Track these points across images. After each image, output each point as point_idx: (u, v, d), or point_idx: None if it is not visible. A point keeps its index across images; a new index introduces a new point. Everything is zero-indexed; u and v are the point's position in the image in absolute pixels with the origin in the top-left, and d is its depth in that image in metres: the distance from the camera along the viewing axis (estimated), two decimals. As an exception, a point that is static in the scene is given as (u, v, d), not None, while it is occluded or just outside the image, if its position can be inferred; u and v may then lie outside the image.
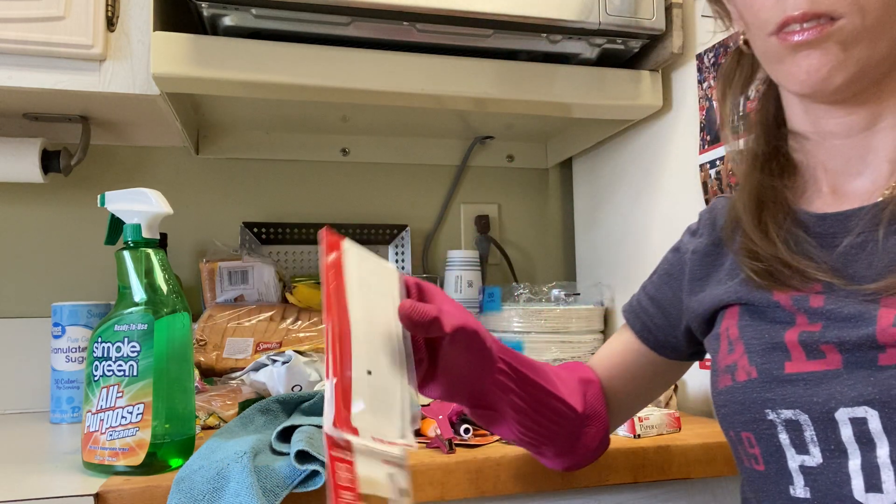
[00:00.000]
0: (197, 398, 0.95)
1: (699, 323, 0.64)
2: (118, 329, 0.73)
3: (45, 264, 1.28)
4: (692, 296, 0.66)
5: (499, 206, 1.52)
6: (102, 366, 0.73)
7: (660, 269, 0.73)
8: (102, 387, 0.72)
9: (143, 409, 0.71)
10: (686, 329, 0.68)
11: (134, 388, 0.71)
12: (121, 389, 0.72)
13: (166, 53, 0.94)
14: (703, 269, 0.66)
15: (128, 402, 0.71)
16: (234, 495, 0.64)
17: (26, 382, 1.23)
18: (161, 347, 0.73)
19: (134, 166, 1.34)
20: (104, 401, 0.72)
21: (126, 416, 0.71)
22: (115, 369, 0.72)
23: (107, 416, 0.72)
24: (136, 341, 0.72)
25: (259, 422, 0.83)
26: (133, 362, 0.72)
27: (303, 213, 1.43)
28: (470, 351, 0.56)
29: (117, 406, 0.72)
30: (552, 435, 0.66)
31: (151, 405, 0.71)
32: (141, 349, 0.72)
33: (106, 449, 0.72)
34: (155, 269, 0.76)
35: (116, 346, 0.73)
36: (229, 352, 1.11)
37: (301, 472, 0.69)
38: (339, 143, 1.45)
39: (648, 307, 0.72)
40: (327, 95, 1.02)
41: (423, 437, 0.86)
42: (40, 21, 0.94)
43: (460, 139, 1.50)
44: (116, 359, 0.72)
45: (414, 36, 1.00)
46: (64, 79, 0.97)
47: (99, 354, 0.73)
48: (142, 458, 0.71)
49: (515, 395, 0.61)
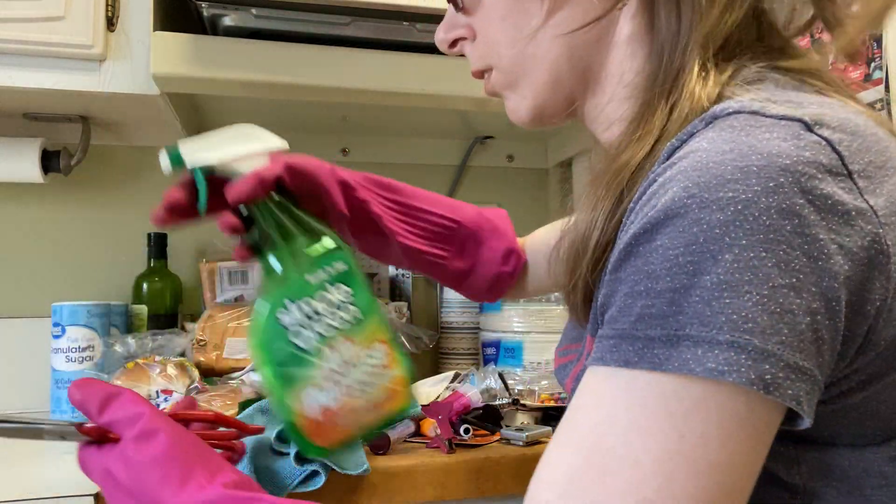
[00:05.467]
0: (197, 398, 0.95)
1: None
2: (314, 280, 0.57)
3: (45, 264, 1.28)
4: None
5: (499, 206, 1.52)
6: (314, 327, 0.56)
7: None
8: (325, 348, 0.56)
9: (385, 348, 0.58)
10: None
11: (364, 330, 0.57)
12: (351, 339, 0.57)
13: (166, 53, 0.94)
14: None
15: (366, 348, 0.57)
16: (234, 495, 0.64)
17: (26, 382, 1.23)
18: (365, 282, 0.59)
19: (134, 166, 1.34)
20: (336, 361, 0.57)
21: (372, 363, 0.58)
22: (335, 321, 0.57)
23: (349, 375, 0.57)
24: (343, 282, 0.57)
25: (259, 422, 0.83)
26: (351, 305, 0.57)
27: (303, 213, 1.43)
28: (306, 185, 0.59)
29: (356, 359, 0.57)
30: (440, 241, 0.68)
31: (390, 340, 0.59)
32: (353, 289, 0.58)
33: (364, 409, 0.58)
34: (300, 208, 0.61)
35: (321, 296, 0.57)
36: (229, 352, 1.11)
37: (301, 472, 0.69)
38: (339, 143, 1.44)
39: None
40: (327, 95, 1.02)
41: (423, 437, 0.86)
42: (40, 21, 0.94)
43: (460, 139, 1.50)
44: (330, 310, 0.57)
45: (414, 36, 1.00)
46: (64, 79, 0.97)
47: (302, 318, 0.56)
48: (408, 395, 0.59)
49: (379, 201, 0.65)
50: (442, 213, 0.69)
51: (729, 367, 0.33)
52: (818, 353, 0.34)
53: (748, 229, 0.33)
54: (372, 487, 0.74)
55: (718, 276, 0.33)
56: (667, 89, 0.44)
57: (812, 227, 0.33)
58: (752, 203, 0.33)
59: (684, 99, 0.42)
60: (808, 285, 0.33)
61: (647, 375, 0.35)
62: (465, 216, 0.70)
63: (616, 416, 0.35)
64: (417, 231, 0.68)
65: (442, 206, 0.70)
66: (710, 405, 0.33)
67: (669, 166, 0.37)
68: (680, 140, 0.39)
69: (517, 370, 1.09)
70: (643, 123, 0.44)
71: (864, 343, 0.36)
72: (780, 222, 0.33)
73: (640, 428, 0.34)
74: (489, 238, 0.71)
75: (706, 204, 0.34)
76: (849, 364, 0.37)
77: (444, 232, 0.69)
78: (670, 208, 0.35)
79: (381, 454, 0.79)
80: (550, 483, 0.37)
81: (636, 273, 0.36)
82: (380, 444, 0.79)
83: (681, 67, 0.44)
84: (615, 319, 0.37)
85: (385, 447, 0.79)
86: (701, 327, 0.33)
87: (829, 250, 0.34)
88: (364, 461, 0.72)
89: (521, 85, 0.53)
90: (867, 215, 0.35)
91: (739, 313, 0.33)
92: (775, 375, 0.33)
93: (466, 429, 0.83)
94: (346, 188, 0.62)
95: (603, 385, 0.37)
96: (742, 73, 0.43)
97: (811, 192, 0.34)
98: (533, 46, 0.50)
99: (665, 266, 0.34)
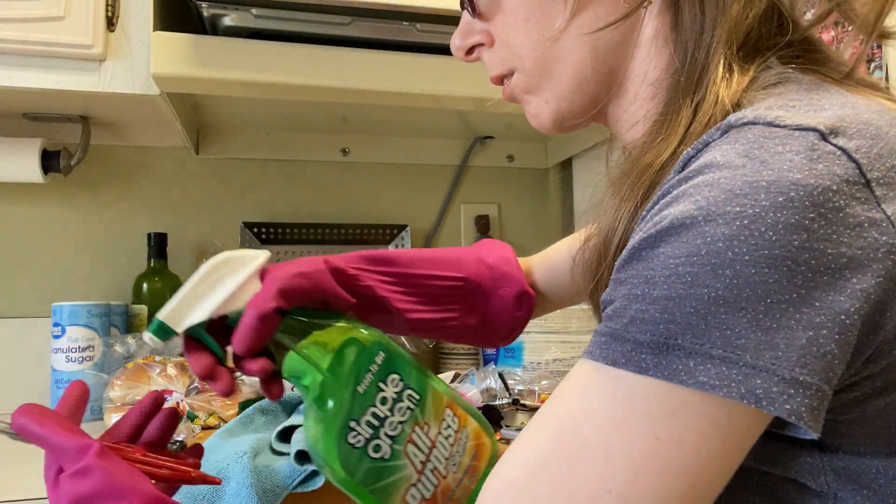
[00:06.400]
0: (197, 398, 0.95)
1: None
2: (362, 388, 0.52)
3: (45, 264, 1.28)
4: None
5: (499, 206, 1.52)
6: (385, 433, 0.52)
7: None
8: (404, 446, 0.52)
9: (453, 414, 0.56)
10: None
11: (426, 408, 0.54)
12: (420, 423, 0.54)
13: (166, 53, 0.94)
14: None
15: (435, 423, 0.55)
16: (234, 495, 0.64)
17: (26, 382, 1.23)
18: (405, 357, 0.55)
19: (134, 166, 1.34)
20: (425, 455, 0.54)
21: (447, 433, 0.55)
22: (399, 415, 0.53)
23: (434, 458, 0.54)
24: (391, 372, 0.54)
25: (259, 422, 0.83)
26: (405, 392, 0.54)
27: (303, 213, 1.43)
28: (308, 299, 0.54)
29: (434, 439, 0.54)
30: (447, 303, 0.64)
31: (456, 405, 0.56)
32: (399, 373, 0.54)
33: (461, 480, 0.55)
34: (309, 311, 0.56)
35: (379, 396, 0.52)
36: (229, 352, 1.11)
37: (301, 472, 0.69)
38: (339, 143, 1.44)
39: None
40: (327, 95, 1.02)
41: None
42: (40, 21, 0.94)
43: (460, 139, 1.50)
44: (389, 406, 0.53)
45: (414, 36, 1.00)
46: (64, 79, 0.97)
47: (370, 429, 0.51)
48: (494, 442, 0.57)
49: (381, 281, 0.60)
50: (445, 275, 0.65)
51: (720, 381, 0.33)
52: (826, 367, 0.34)
53: (752, 245, 0.33)
54: (372, 487, 0.74)
55: (717, 291, 0.33)
56: (691, 88, 0.43)
57: (821, 241, 0.33)
58: (760, 218, 0.33)
59: (709, 100, 0.42)
60: (811, 300, 0.33)
61: (631, 377, 0.35)
62: (469, 270, 0.66)
63: (596, 408, 0.36)
64: (424, 300, 0.64)
65: (442, 265, 0.65)
66: (689, 412, 0.34)
67: (684, 179, 0.37)
68: (696, 149, 0.39)
69: (517, 370, 1.09)
70: (668, 124, 0.44)
71: (875, 352, 0.36)
72: (787, 237, 0.33)
73: (618, 424, 0.35)
74: (498, 287, 0.67)
75: (713, 217, 0.34)
76: (858, 372, 0.36)
77: (451, 293, 0.65)
78: (678, 219, 0.35)
79: (381, 454, 0.79)
80: (521, 462, 0.38)
81: (636, 277, 0.36)
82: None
83: (705, 65, 0.43)
84: (610, 318, 0.37)
85: (385, 447, 0.79)
86: (694, 339, 0.33)
87: (839, 264, 0.33)
88: (364, 461, 0.72)
89: (543, 88, 0.52)
90: (882, 226, 0.34)
91: (733, 329, 0.33)
92: (768, 390, 0.33)
93: (466, 429, 0.83)
94: (346, 279, 0.58)
95: (588, 378, 0.37)
96: (764, 75, 0.42)
97: (823, 206, 0.33)
98: (557, 48, 0.49)
99: (664, 274, 0.35)
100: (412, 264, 0.63)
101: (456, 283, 0.65)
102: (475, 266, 0.66)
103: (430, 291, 0.64)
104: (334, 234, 1.40)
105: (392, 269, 0.62)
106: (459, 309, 0.66)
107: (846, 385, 0.37)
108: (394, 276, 0.62)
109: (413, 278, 0.63)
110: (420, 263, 0.64)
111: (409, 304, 0.62)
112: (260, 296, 0.52)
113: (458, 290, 0.65)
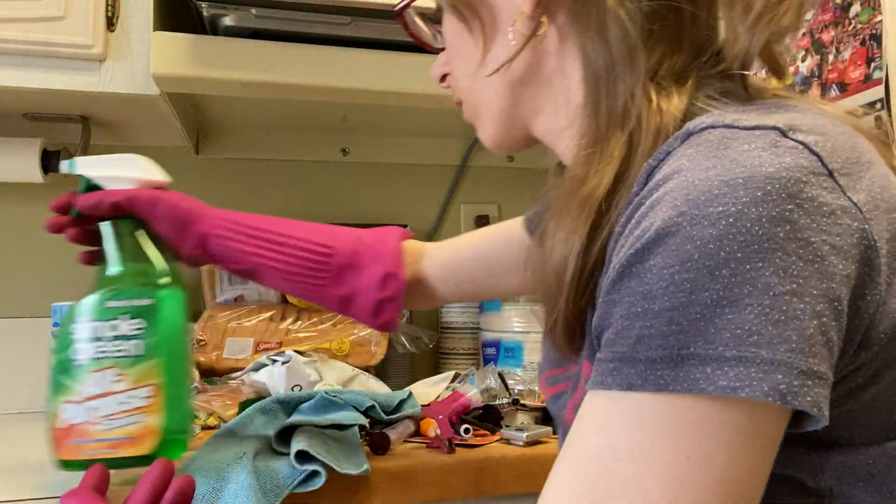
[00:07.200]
0: (197, 398, 0.95)
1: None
2: (112, 305, 0.64)
3: (45, 264, 1.28)
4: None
5: (499, 206, 1.52)
6: (91, 347, 0.63)
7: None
8: (91, 371, 0.63)
9: (151, 392, 0.63)
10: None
11: (138, 369, 0.63)
12: (120, 372, 0.63)
13: (166, 53, 0.94)
14: None
15: (131, 385, 0.63)
16: (234, 496, 0.64)
17: (26, 382, 1.23)
18: (169, 324, 0.65)
19: (134, 166, 1.34)
20: (96, 387, 0.63)
21: (128, 402, 0.62)
22: (111, 350, 0.63)
23: (101, 404, 0.62)
24: (140, 317, 0.64)
25: (259, 422, 0.83)
26: (137, 340, 0.63)
27: (303, 213, 1.42)
28: (163, 217, 0.69)
29: (115, 391, 0.62)
30: (312, 269, 0.71)
31: (163, 387, 0.63)
32: (147, 326, 0.64)
33: (102, 441, 0.62)
34: (148, 239, 0.69)
35: (111, 324, 0.63)
36: (229, 352, 1.11)
37: (301, 472, 0.69)
38: (339, 143, 1.44)
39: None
40: (327, 95, 1.02)
41: (423, 437, 0.86)
42: (40, 21, 0.94)
43: (460, 139, 1.50)
44: (113, 338, 0.63)
45: (414, 36, 1.00)
46: (64, 79, 0.97)
47: (85, 335, 0.63)
48: (152, 447, 0.63)
49: (244, 237, 0.71)
50: (311, 240, 0.71)
51: (741, 382, 0.32)
52: (830, 355, 0.34)
53: (742, 241, 0.33)
54: (372, 487, 0.74)
55: (717, 292, 0.33)
56: (618, 119, 0.44)
57: (804, 230, 0.34)
58: (743, 214, 0.33)
59: (646, 125, 0.42)
60: (810, 289, 0.33)
61: (650, 398, 0.34)
62: (340, 244, 0.71)
63: (620, 440, 0.35)
64: (285, 259, 0.71)
65: (314, 233, 0.72)
66: (714, 422, 0.33)
67: (654, 188, 0.37)
68: (657, 160, 0.39)
69: (517, 370, 1.09)
70: (600, 153, 0.44)
71: (864, 339, 0.36)
72: (772, 230, 0.33)
73: (646, 452, 0.34)
74: (368, 264, 0.71)
75: (697, 220, 0.34)
76: (851, 361, 0.37)
77: (316, 259, 0.71)
78: (662, 228, 0.35)
79: (381, 454, 0.79)
80: None
81: (632, 294, 0.36)
82: (380, 444, 0.79)
83: (626, 96, 0.44)
84: (613, 342, 0.37)
85: (385, 447, 0.79)
86: (706, 345, 0.33)
87: (823, 251, 0.34)
88: (364, 461, 0.72)
89: (479, 117, 0.57)
90: (852, 212, 0.35)
91: (743, 327, 0.33)
92: (790, 384, 0.32)
93: (466, 429, 0.83)
94: (193, 224, 0.71)
95: (605, 409, 0.36)
96: (699, 95, 0.43)
97: (798, 197, 0.34)
98: (480, 83, 0.53)
99: (661, 286, 0.34)
100: (279, 225, 0.72)
101: (322, 250, 0.71)
102: (350, 242, 0.72)
103: (294, 252, 0.71)
104: (334, 234, 1.40)
105: (254, 227, 0.71)
106: (328, 279, 0.71)
107: (841, 377, 0.37)
108: (254, 230, 0.71)
109: (276, 236, 0.71)
110: (289, 227, 0.72)
111: (265, 258, 0.70)
112: (115, 192, 0.68)
113: (326, 258, 0.71)
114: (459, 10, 0.52)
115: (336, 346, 1.11)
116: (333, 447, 0.73)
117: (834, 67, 0.81)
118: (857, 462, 0.39)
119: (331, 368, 1.02)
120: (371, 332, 1.14)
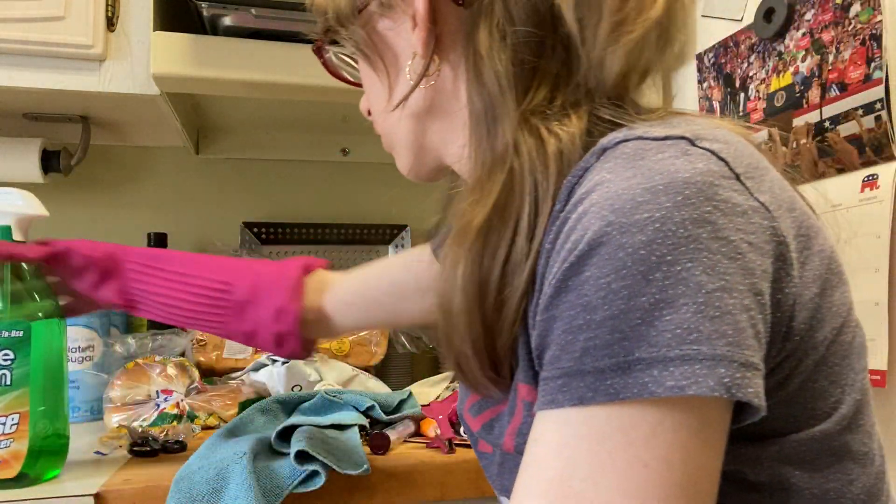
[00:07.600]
0: (197, 398, 0.95)
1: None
2: None
3: None
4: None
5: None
6: None
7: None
8: None
9: (17, 420, 0.68)
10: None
11: (7, 397, 0.68)
12: None
13: (166, 53, 0.94)
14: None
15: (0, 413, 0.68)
16: (234, 496, 0.64)
17: (26, 382, 1.23)
18: (38, 354, 0.70)
19: (134, 166, 1.34)
20: None
21: None
22: None
23: None
24: (8, 349, 0.69)
25: (259, 422, 0.83)
26: (6, 371, 0.68)
27: (303, 213, 1.43)
28: (71, 268, 0.72)
29: None
30: (212, 306, 0.72)
31: (28, 415, 0.69)
32: (16, 357, 0.69)
33: None
34: (24, 272, 0.73)
35: None
36: (229, 352, 1.11)
37: (301, 472, 0.69)
38: (339, 143, 1.44)
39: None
40: (327, 95, 1.02)
41: (423, 437, 0.86)
42: (40, 21, 0.94)
43: (460, 139, 1.50)
44: None
45: (414, 36, 1.00)
46: (64, 79, 0.97)
47: None
48: (16, 471, 0.68)
49: (150, 283, 0.73)
50: (210, 277, 0.73)
51: (687, 380, 0.33)
52: (760, 346, 0.36)
53: (671, 244, 0.34)
54: (372, 487, 0.74)
55: (654, 296, 0.34)
56: (499, 156, 0.45)
57: (723, 230, 0.35)
58: (668, 219, 0.35)
59: (529, 157, 0.43)
60: (736, 284, 0.35)
61: (603, 410, 0.35)
62: (240, 279, 0.73)
63: (579, 459, 0.35)
64: (187, 298, 0.72)
65: (214, 271, 0.73)
66: (666, 425, 0.34)
67: (578, 202, 0.38)
68: (575, 176, 0.40)
69: (517, 370, 1.09)
70: (480, 187, 0.45)
71: (787, 331, 0.38)
72: (696, 231, 0.35)
73: (605, 467, 0.34)
74: (264, 299, 0.72)
75: (626, 228, 0.35)
76: (778, 353, 0.38)
77: (217, 297, 0.72)
78: (593, 239, 0.36)
79: (380, 454, 0.79)
80: None
81: (571, 308, 0.36)
82: (380, 444, 0.79)
83: (507, 134, 0.45)
84: (558, 358, 0.37)
85: (385, 447, 0.79)
86: (650, 348, 0.34)
87: (743, 249, 0.35)
88: (364, 461, 0.72)
89: (394, 149, 0.59)
90: (761, 211, 0.37)
91: (682, 326, 0.34)
92: (733, 377, 0.33)
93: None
94: (109, 275, 0.73)
95: (559, 430, 0.36)
96: (600, 112, 0.44)
97: (714, 199, 0.35)
98: (391, 118, 0.56)
99: (599, 295, 0.35)
100: (179, 262, 0.74)
101: (221, 289, 0.72)
102: (249, 277, 0.73)
103: (191, 289, 0.73)
104: (334, 234, 1.40)
105: (154, 264, 0.74)
106: (230, 315, 0.72)
107: (770, 369, 0.38)
108: (153, 268, 0.74)
109: (173, 274, 0.73)
110: (190, 264, 0.74)
111: (172, 301, 0.73)
112: (29, 248, 0.72)
113: (224, 297, 0.72)
114: (365, 52, 0.54)
115: (336, 346, 1.11)
116: (333, 447, 0.73)
117: (834, 67, 0.80)
118: (791, 449, 0.40)
119: (331, 368, 1.03)
120: (371, 332, 1.14)
